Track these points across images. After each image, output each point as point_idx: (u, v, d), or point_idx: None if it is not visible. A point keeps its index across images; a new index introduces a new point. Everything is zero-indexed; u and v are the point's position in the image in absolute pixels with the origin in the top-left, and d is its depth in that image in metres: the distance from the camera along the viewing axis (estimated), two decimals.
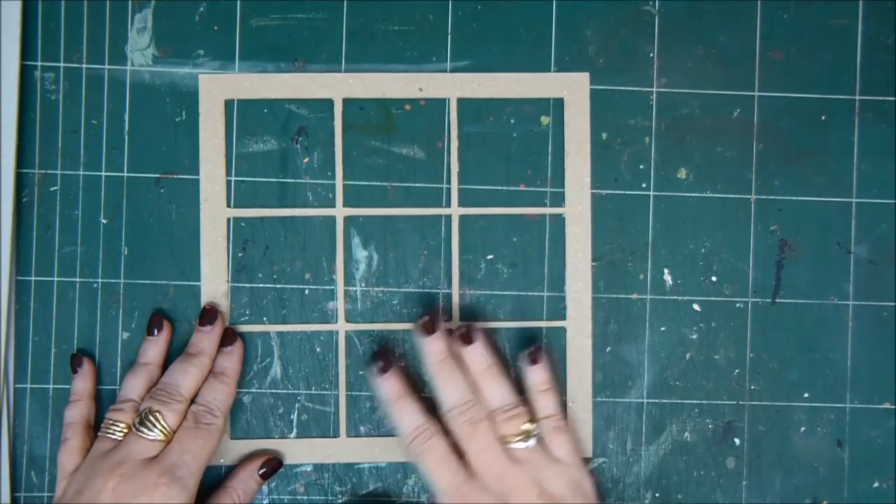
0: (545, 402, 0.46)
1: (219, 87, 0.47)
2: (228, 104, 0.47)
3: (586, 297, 0.48)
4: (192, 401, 0.44)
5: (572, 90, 0.48)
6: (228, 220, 0.47)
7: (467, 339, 0.45)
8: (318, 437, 0.48)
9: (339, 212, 0.47)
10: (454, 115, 0.47)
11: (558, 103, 0.48)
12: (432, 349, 0.45)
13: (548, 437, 0.45)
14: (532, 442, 0.44)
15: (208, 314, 0.46)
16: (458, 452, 0.44)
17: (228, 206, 0.47)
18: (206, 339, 0.46)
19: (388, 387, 0.45)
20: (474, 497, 0.42)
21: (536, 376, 0.46)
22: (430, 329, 0.45)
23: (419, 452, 0.44)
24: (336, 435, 0.48)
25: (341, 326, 0.47)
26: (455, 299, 0.48)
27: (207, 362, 0.45)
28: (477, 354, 0.45)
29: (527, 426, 0.44)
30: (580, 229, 0.48)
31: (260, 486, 0.47)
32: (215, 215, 0.47)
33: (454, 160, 0.48)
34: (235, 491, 0.46)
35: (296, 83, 0.47)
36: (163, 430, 0.43)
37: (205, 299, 0.47)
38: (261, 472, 0.46)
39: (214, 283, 0.47)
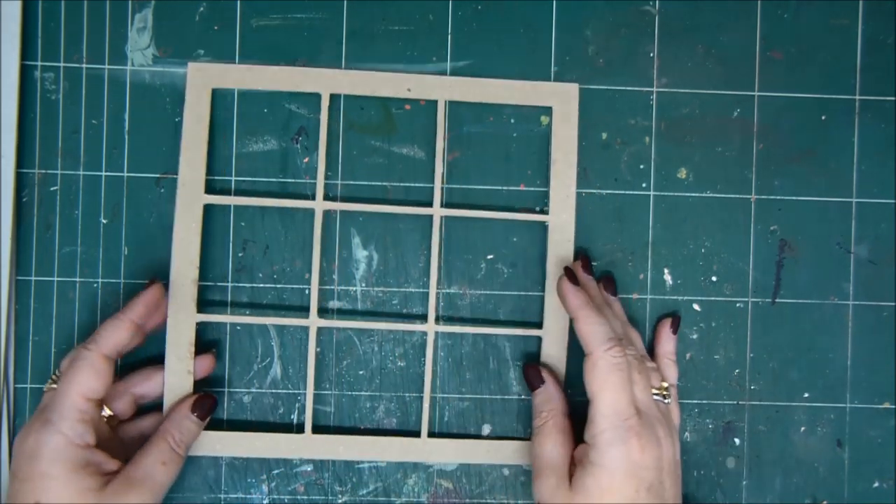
0: (672, 373, 0.47)
1: (207, 76, 0.46)
2: (222, 96, 0.47)
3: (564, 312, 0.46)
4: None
5: (561, 100, 0.47)
6: (205, 206, 0.46)
7: (611, 290, 0.47)
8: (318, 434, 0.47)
9: (319, 205, 0.47)
10: (441, 118, 0.47)
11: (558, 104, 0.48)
12: (577, 295, 0.44)
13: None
14: (669, 401, 0.44)
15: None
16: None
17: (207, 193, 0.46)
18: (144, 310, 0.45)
19: (575, 296, 0.43)
20: (640, 431, 0.41)
21: (670, 346, 0.47)
22: (573, 279, 0.44)
23: (611, 365, 0.41)
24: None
25: (312, 322, 0.47)
26: (432, 301, 0.47)
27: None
28: (619, 306, 0.47)
29: (665, 384, 0.44)
30: (563, 237, 0.47)
31: (199, 427, 0.45)
32: (192, 201, 0.46)
33: (438, 161, 0.47)
34: (170, 433, 0.44)
35: (284, 76, 0.47)
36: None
37: (173, 287, 0.46)
38: (195, 414, 0.45)
39: (185, 269, 0.46)
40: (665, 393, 0.44)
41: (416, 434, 0.48)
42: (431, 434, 0.48)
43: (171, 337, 0.46)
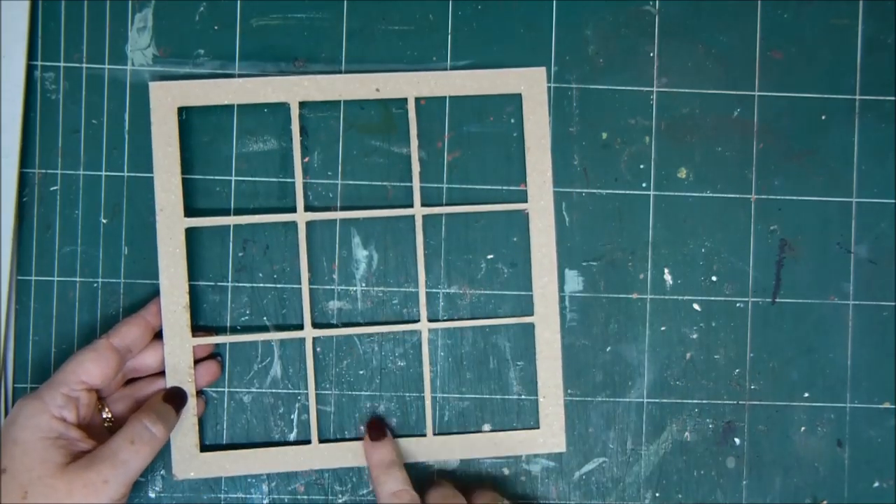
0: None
1: (170, 95, 0.45)
2: (215, 107, 0.47)
3: (552, 293, 0.47)
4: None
5: (529, 85, 0.47)
6: (187, 230, 0.46)
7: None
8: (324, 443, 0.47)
9: (301, 217, 0.47)
10: (412, 115, 0.47)
11: (559, 102, 0.48)
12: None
13: None
14: None
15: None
16: None
17: (186, 215, 0.46)
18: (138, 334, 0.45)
19: (378, 455, 0.45)
20: None
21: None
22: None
23: None
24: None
25: (308, 333, 0.47)
26: (422, 299, 0.48)
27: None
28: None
29: None
30: (544, 223, 0.47)
31: (174, 415, 0.44)
32: (172, 226, 0.45)
33: (415, 161, 0.47)
34: (144, 413, 0.42)
35: (250, 87, 0.46)
36: None
37: (165, 313, 0.45)
38: (168, 403, 0.44)
39: (174, 296, 0.45)
40: None
41: (418, 434, 0.48)
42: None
43: (169, 362, 0.45)
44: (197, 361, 0.46)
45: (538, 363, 0.48)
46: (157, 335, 0.46)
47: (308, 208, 0.47)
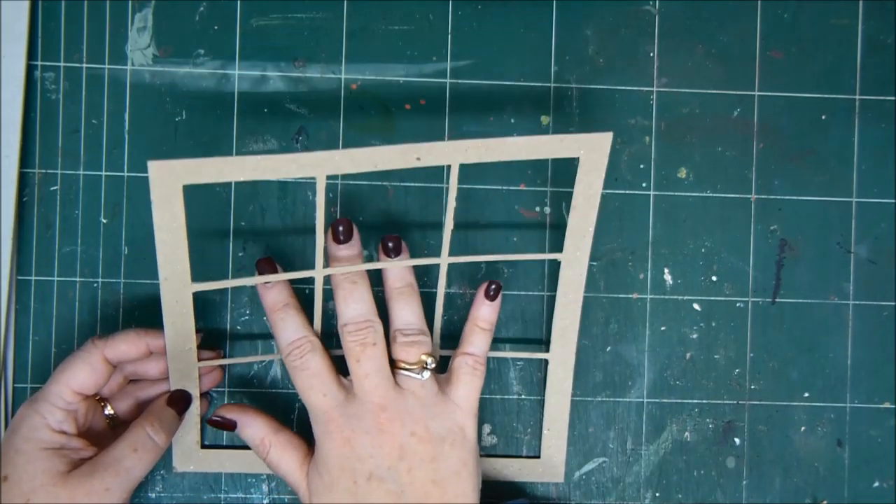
0: (477, 340, 0.44)
1: (173, 174, 0.39)
2: (220, 97, 0.47)
3: (572, 334, 0.46)
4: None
5: (591, 149, 0.41)
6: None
7: (388, 251, 0.43)
8: None
9: (319, 273, 0.43)
10: (454, 181, 0.41)
11: (559, 102, 0.48)
12: (339, 256, 0.43)
13: (456, 376, 0.43)
14: (426, 375, 0.41)
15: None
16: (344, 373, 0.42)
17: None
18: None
19: (270, 297, 0.43)
20: (344, 423, 0.41)
21: (482, 311, 0.44)
22: (344, 238, 0.43)
23: (293, 368, 0.41)
24: None
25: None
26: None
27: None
28: (396, 270, 0.43)
29: (425, 357, 0.42)
30: (575, 273, 0.45)
31: (177, 420, 0.44)
32: (179, 291, 0.42)
33: (449, 220, 0.43)
34: (147, 420, 0.42)
35: (270, 165, 0.39)
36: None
37: (172, 362, 0.44)
38: (171, 408, 0.44)
39: (180, 342, 0.44)
40: (426, 365, 0.42)
41: None
42: None
43: (174, 379, 0.45)
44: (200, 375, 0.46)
45: (547, 396, 0.47)
46: None
47: (308, 207, 0.47)
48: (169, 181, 0.39)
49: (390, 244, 0.43)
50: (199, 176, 0.39)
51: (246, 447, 0.47)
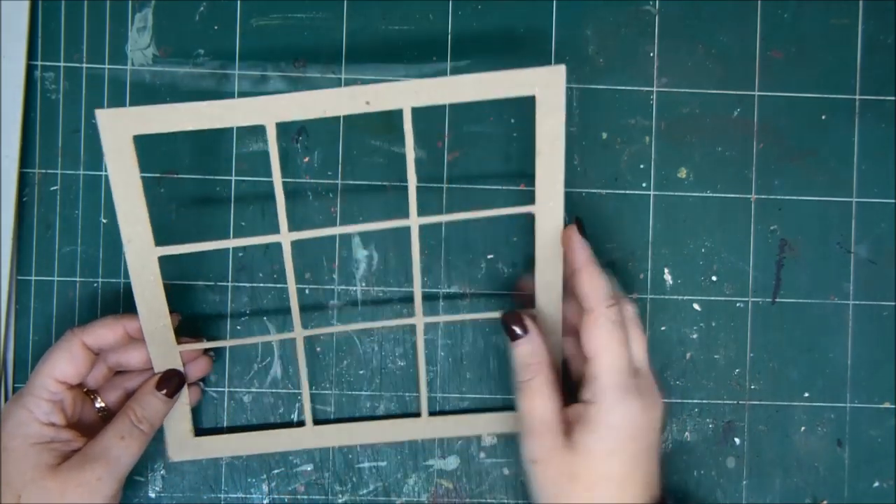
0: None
1: (121, 123, 0.40)
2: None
3: (556, 288, 0.45)
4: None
5: (545, 86, 0.41)
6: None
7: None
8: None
9: (286, 237, 0.44)
10: (409, 126, 0.42)
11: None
12: (584, 249, 0.42)
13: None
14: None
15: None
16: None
17: (157, 245, 0.42)
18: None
19: (582, 250, 0.42)
20: (641, 389, 0.41)
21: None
22: (583, 231, 0.43)
23: (616, 322, 0.41)
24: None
25: (298, 333, 0.45)
26: (417, 298, 0.46)
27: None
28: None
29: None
30: (551, 225, 0.44)
31: (166, 404, 0.44)
32: (144, 256, 0.42)
33: (411, 172, 0.43)
34: (132, 409, 0.42)
35: (218, 112, 0.40)
36: None
37: (146, 332, 0.43)
38: (162, 391, 0.43)
39: (153, 318, 0.43)
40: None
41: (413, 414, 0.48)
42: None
43: (157, 366, 0.44)
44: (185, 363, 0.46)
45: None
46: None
47: (308, 207, 0.47)
48: (119, 130, 0.40)
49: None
50: (149, 124, 0.40)
51: (240, 430, 0.46)
